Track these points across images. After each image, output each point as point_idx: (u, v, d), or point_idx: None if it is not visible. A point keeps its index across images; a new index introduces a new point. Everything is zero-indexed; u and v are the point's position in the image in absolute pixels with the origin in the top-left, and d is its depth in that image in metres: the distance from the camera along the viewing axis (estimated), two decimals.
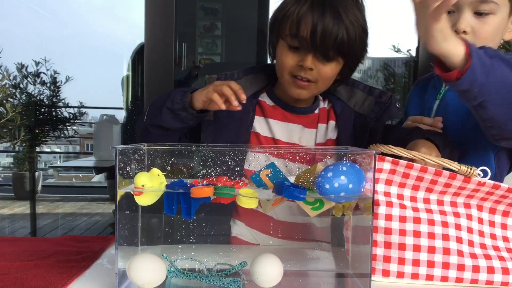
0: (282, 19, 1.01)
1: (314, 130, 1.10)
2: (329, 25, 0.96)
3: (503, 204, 0.81)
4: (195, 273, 0.73)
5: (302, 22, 0.97)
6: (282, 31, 1.01)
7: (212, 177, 0.75)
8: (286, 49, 1.01)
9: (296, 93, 1.04)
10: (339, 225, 0.82)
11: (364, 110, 1.11)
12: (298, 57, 1.01)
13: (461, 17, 0.98)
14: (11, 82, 2.01)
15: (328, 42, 0.96)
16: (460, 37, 0.78)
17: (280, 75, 1.05)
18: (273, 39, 1.06)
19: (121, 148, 0.70)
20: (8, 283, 0.73)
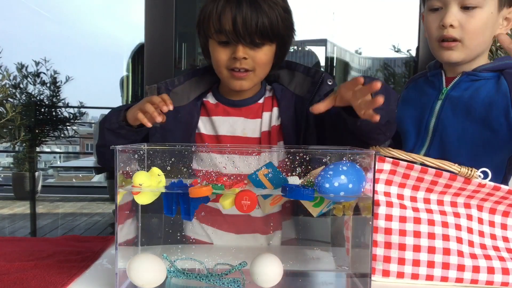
0: (204, 20, 1.04)
1: (258, 120, 1.11)
2: (247, 13, 0.99)
3: (503, 205, 0.81)
4: (195, 273, 0.73)
5: (222, 17, 1.00)
6: (208, 30, 1.03)
7: (212, 177, 0.75)
8: (217, 46, 1.04)
9: (237, 85, 1.06)
10: (339, 225, 0.82)
11: (303, 91, 1.12)
12: (230, 51, 1.03)
13: (448, 11, 0.99)
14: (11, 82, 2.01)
15: (251, 30, 0.99)
16: None
17: (219, 72, 1.07)
18: (202, 41, 1.09)
19: (121, 148, 0.70)
20: (8, 283, 0.73)
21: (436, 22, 1.02)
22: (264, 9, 1.00)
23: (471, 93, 1.03)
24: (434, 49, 1.05)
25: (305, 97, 1.10)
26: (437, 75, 1.10)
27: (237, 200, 0.69)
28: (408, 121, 1.10)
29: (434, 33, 1.03)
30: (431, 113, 1.07)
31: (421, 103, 1.10)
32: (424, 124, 1.07)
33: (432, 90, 1.10)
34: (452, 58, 1.02)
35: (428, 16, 1.04)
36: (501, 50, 1.41)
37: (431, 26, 1.03)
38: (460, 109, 1.03)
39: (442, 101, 1.06)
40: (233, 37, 1.01)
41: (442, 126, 1.04)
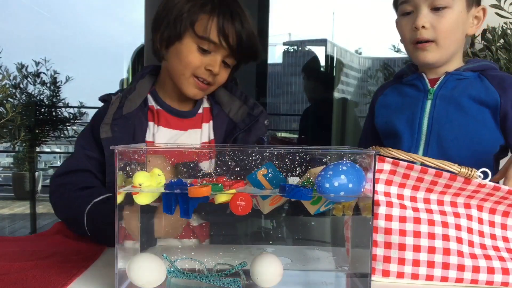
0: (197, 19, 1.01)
1: (199, 130, 1.12)
2: (243, 35, 1.02)
3: (503, 205, 0.81)
4: (195, 273, 0.73)
5: (219, 31, 1.00)
6: (198, 30, 1.01)
7: (212, 177, 0.75)
8: (195, 49, 1.02)
9: (192, 93, 1.07)
10: (339, 225, 0.82)
11: (237, 118, 1.13)
12: (207, 60, 1.03)
13: (419, 14, 1.02)
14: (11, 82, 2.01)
15: (243, 53, 1.05)
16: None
17: (180, 73, 1.05)
18: (173, 33, 1.03)
19: (121, 148, 0.70)
20: (8, 283, 0.73)
21: (408, 25, 1.05)
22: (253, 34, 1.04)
23: (461, 91, 1.05)
24: (410, 52, 1.08)
25: (239, 124, 1.11)
26: (418, 78, 1.11)
27: (232, 201, 0.69)
28: (398, 123, 1.11)
29: (408, 36, 1.06)
30: (422, 113, 1.08)
31: (408, 105, 1.11)
32: (416, 125, 1.08)
33: (416, 92, 1.11)
34: (428, 58, 1.05)
35: (400, 20, 1.07)
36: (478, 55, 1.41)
37: (404, 29, 1.06)
38: (453, 107, 1.05)
39: (432, 101, 1.07)
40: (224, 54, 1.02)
41: (438, 125, 1.05)
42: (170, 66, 1.07)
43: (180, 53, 1.03)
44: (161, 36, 1.05)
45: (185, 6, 1.02)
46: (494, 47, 1.38)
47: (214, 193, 0.69)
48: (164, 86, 1.12)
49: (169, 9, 1.03)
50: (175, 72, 1.06)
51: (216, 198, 0.70)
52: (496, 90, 1.04)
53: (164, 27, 1.04)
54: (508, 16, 1.38)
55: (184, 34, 1.02)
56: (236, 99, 1.15)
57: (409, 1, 1.04)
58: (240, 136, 1.10)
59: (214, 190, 0.69)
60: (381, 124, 1.17)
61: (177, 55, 1.04)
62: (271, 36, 3.13)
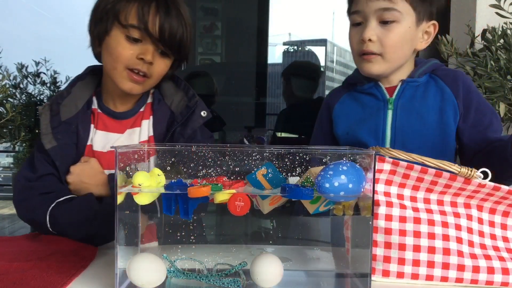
0: (120, 7, 0.98)
1: (138, 129, 1.08)
2: (174, 23, 0.99)
3: (503, 205, 0.81)
4: (195, 273, 0.73)
5: (149, 17, 0.96)
6: (122, 19, 0.97)
7: (212, 177, 0.75)
8: (123, 40, 0.98)
9: (129, 87, 1.02)
10: (339, 225, 0.82)
11: (177, 110, 1.09)
12: (138, 50, 0.98)
13: (367, 26, 1.02)
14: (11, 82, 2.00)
15: (174, 40, 0.99)
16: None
17: (112, 67, 1.01)
18: (101, 28, 1.00)
19: (121, 148, 0.70)
20: (8, 283, 0.73)
21: (356, 36, 1.05)
22: (186, 23, 1.02)
23: (419, 100, 1.06)
24: (356, 62, 1.09)
25: (176, 117, 1.07)
26: (375, 87, 1.10)
27: (231, 201, 0.69)
28: (361, 134, 1.10)
29: (356, 47, 1.06)
30: (384, 123, 1.08)
31: (369, 115, 1.10)
32: (380, 135, 1.07)
33: (375, 101, 1.10)
34: (372, 70, 1.05)
35: (351, 30, 1.08)
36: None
37: (353, 40, 1.07)
38: (414, 118, 1.06)
39: (393, 111, 1.07)
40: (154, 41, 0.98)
41: (401, 135, 1.06)
42: (104, 62, 1.04)
43: (110, 47, 1.00)
44: (93, 35, 1.03)
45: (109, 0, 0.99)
46: (494, 47, 1.38)
47: (213, 193, 0.69)
48: (106, 87, 1.09)
49: (97, 7, 1.02)
50: (108, 68, 1.02)
51: (215, 197, 0.70)
52: (451, 92, 1.05)
53: (93, 25, 1.02)
54: (508, 16, 1.38)
55: (111, 26, 0.99)
56: (180, 91, 1.12)
57: (359, 12, 1.03)
58: (177, 129, 1.06)
59: (214, 190, 0.69)
60: (342, 134, 1.14)
61: (107, 49, 1.01)
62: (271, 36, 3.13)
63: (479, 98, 1.06)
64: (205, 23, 3.10)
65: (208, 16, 3.12)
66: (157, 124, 1.08)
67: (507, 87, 1.34)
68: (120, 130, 1.08)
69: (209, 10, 3.14)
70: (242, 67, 3.16)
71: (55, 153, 1.01)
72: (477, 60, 1.41)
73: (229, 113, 2.85)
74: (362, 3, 1.02)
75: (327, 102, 1.20)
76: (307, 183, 0.72)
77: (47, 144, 1.01)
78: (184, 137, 1.05)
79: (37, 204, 0.98)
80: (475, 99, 1.05)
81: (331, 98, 1.19)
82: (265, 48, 3.14)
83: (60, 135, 1.02)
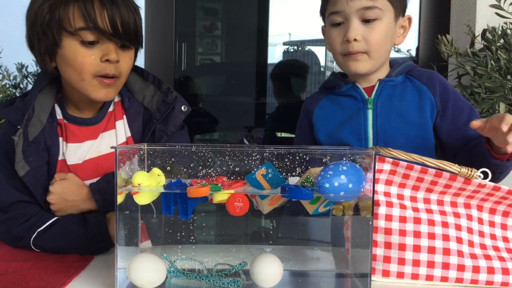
0: (61, 14, 0.88)
1: (113, 131, 1.02)
2: (124, 12, 0.90)
3: (503, 205, 0.81)
4: (195, 273, 0.73)
5: (95, 13, 0.88)
6: (68, 26, 0.88)
7: (212, 177, 0.75)
8: (79, 47, 0.89)
9: (102, 95, 0.94)
10: (339, 225, 0.82)
11: (152, 106, 1.03)
12: (99, 52, 0.91)
13: (350, 26, 1.01)
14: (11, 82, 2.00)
15: (129, 29, 0.91)
16: None
17: (79, 79, 0.92)
18: (48, 43, 0.91)
19: (121, 148, 0.70)
20: (7, 283, 0.73)
21: (339, 37, 1.04)
22: (135, 9, 0.94)
23: (398, 99, 1.07)
24: (340, 63, 1.07)
25: (154, 114, 1.01)
26: (353, 88, 1.10)
27: (229, 202, 0.69)
28: (344, 135, 1.09)
29: (339, 48, 1.05)
30: (365, 123, 1.08)
31: (349, 116, 1.10)
32: (362, 135, 1.07)
33: (354, 102, 1.10)
34: (359, 69, 1.05)
35: (330, 31, 1.06)
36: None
37: (335, 41, 1.05)
38: (394, 116, 1.06)
39: (373, 110, 1.07)
40: (110, 37, 0.89)
41: (383, 134, 1.06)
42: (66, 76, 0.95)
43: (67, 59, 0.91)
44: (39, 52, 0.94)
45: (44, 11, 0.89)
46: (494, 47, 1.38)
47: (212, 193, 0.69)
48: (69, 96, 1.00)
49: (33, 21, 0.92)
50: (73, 81, 0.94)
51: (214, 197, 0.70)
52: (428, 89, 1.06)
53: (37, 42, 0.92)
54: (508, 16, 1.38)
55: (59, 37, 0.90)
56: (150, 84, 1.05)
57: (339, 12, 1.02)
58: (158, 127, 1.01)
59: (213, 190, 0.69)
60: (324, 137, 1.12)
61: (65, 62, 0.92)
62: (271, 36, 3.13)
63: (456, 96, 1.07)
64: (205, 23, 3.10)
65: (208, 16, 3.12)
66: (132, 123, 1.03)
67: (507, 87, 1.34)
68: (92, 136, 1.01)
69: (209, 10, 3.14)
70: (242, 67, 3.15)
71: (29, 178, 0.93)
72: (477, 60, 1.41)
73: (229, 113, 2.85)
74: (342, 3, 1.01)
75: (306, 108, 1.18)
76: (307, 183, 0.72)
77: (21, 170, 0.91)
78: (167, 134, 1.01)
79: (18, 234, 0.92)
80: (452, 97, 1.06)
81: (309, 104, 1.18)
82: (265, 48, 3.14)
83: (31, 157, 0.92)
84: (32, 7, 0.92)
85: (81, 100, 1.00)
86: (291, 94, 2.78)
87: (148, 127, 1.02)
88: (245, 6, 3.24)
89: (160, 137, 1.01)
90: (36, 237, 0.91)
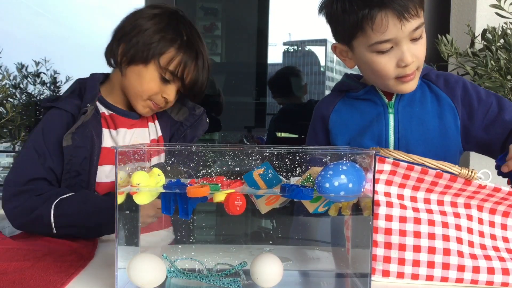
0: (165, 50, 1.07)
1: (146, 129, 1.19)
2: (204, 77, 1.12)
3: (503, 205, 0.81)
4: (195, 273, 0.73)
5: (186, 69, 1.08)
6: (163, 62, 1.07)
7: (212, 177, 0.75)
8: (158, 78, 1.09)
9: (144, 112, 1.14)
10: (339, 225, 0.82)
11: (180, 118, 1.23)
12: (165, 89, 1.10)
13: (405, 50, 0.97)
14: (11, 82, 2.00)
15: (199, 90, 1.13)
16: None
17: (138, 94, 1.11)
18: (138, 56, 1.07)
19: (121, 149, 0.70)
20: (7, 282, 0.73)
21: (392, 62, 0.98)
22: (208, 72, 1.13)
23: (418, 105, 1.06)
24: (391, 86, 1.02)
25: (184, 122, 1.22)
26: (372, 92, 1.09)
27: (230, 201, 0.68)
28: (365, 142, 1.08)
29: (393, 72, 0.99)
30: (387, 129, 1.06)
31: (370, 122, 1.08)
32: (383, 141, 1.06)
33: (374, 106, 1.08)
34: (414, 87, 1.03)
35: (377, 58, 0.99)
36: None
37: (387, 67, 0.99)
38: (415, 122, 1.05)
39: (394, 115, 1.06)
40: (182, 90, 1.12)
41: (405, 141, 1.05)
42: (128, 83, 1.11)
43: (143, 78, 1.09)
44: (124, 51, 1.09)
45: (154, 35, 1.07)
46: (494, 47, 1.38)
47: (212, 193, 0.69)
48: (112, 93, 1.17)
49: (138, 31, 1.08)
50: (132, 91, 1.12)
51: (214, 197, 0.70)
52: (446, 95, 1.05)
53: (130, 44, 1.08)
54: (508, 16, 1.38)
55: (150, 61, 1.08)
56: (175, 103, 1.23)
57: (390, 40, 0.96)
58: (188, 131, 1.22)
59: (213, 190, 0.69)
60: (343, 144, 1.11)
61: (139, 77, 1.09)
62: (271, 36, 3.13)
63: (477, 91, 1.05)
64: (205, 23, 3.10)
65: (208, 16, 3.12)
66: (164, 128, 1.21)
67: (507, 87, 1.34)
68: (136, 126, 1.17)
69: (209, 10, 3.14)
70: (242, 67, 3.16)
71: (67, 151, 1.03)
72: (477, 60, 1.41)
73: (229, 113, 2.85)
74: (394, 31, 0.95)
75: (321, 112, 1.15)
76: (307, 182, 0.72)
77: (65, 142, 1.03)
78: (197, 136, 1.23)
79: (34, 204, 0.98)
80: (475, 94, 1.04)
81: (324, 108, 1.15)
82: (265, 48, 3.14)
83: (76, 135, 1.05)
84: (143, 12, 1.11)
85: (122, 99, 1.17)
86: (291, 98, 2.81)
87: (178, 132, 1.22)
88: (245, 6, 3.24)
89: (192, 138, 1.22)
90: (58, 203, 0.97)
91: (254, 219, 0.80)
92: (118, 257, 0.70)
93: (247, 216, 0.73)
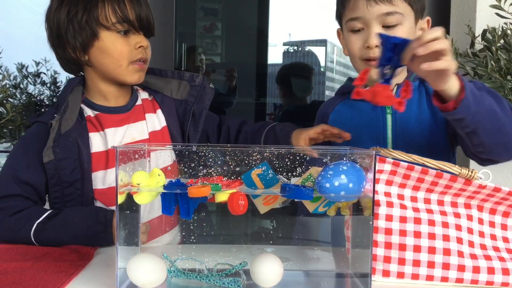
0: (97, 12, 1.02)
1: (143, 122, 1.13)
2: (144, 9, 1.07)
3: (503, 205, 0.81)
4: (195, 273, 0.73)
5: (127, 10, 1.04)
6: (104, 22, 1.03)
7: (212, 177, 0.75)
8: (118, 37, 1.04)
9: (136, 78, 1.08)
10: (339, 225, 0.82)
11: (182, 95, 1.16)
12: (132, 40, 1.05)
13: (371, 32, 0.98)
14: (11, 82, 2.00)
15: (149, 23, 1.08)
16: (456, 74, 0.80)
17: (117, 66, 1.06)
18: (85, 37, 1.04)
19: (121, 148, 0.70)
20: (7, 282, 0.73)
21: (359, 42, 1.01)
22: (148, 6, 1.09)
23: (416, 106, 1.06)
24: (359, 68, 1.04)
25: (188, 98, 1.15)
26: None
27: (234, 202, 0.68)
28: (363, 142, 1.07)
29: (358, 53, 1.02)
30: (385, 128, 1.07)
31: (368, 122, 1.09)
32: (381, 141, 1.06)
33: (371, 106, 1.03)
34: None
35: (349, 36, 1.03)
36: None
37: (354, 46, 1.02)
38: (413, 122, 1.05)
39: (392, 115, 1.06)
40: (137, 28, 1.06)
41: (402, 140, 1.05)
42: (101, 65, 1.07)
43: (107, 49, 1.05)
44: (72, 47, 1.05)
45: (78, 11, 1.03)
46: (494, 47, 1.38)
47: (213, 193, 0.69)
48: (93, 91, 1.12)
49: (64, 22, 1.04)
50: (109, 68, 1.07)
51: (215, 198, 0.70)
52: None
53: (70, 38, 1.04)
54: (508, 16, 1.38)
55: (97, 30, 1.04)
56: (170, 79, 1.18)
57: (359, 18, 0.99)
58: (195, 107, 1.15)
59: (214, 190, 0.69)
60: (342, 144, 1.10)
61: (103, 52, 1.05)
62: (271, 36, 3.13)
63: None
64: (205, 23, 3.10)
65: (208, 16, 3.12)
66: (169, 119, 1.15)
67: (507, 87, 1.34)
68: (127, 121, 1.11)
69: (209, 10, 3.14)
70: (242, 67, 3.15)
71: (50, 167, 1.01)
72: (477, 61, 1.41)
73: (229, 113, 2.85)
74: (361, 9, 0.98)
75: (322, 113, 1.18)
76: (308, 182, 0.72)
77: (46, 157, 1.00)
78: (206, 108, 1.15)
79: (14, 226, 0.96)
80: None
81: (325, 109, 1.17)
82: (265, 48, 3.14)
83: (58, 148, 1.01)
84: (58, 9, 1.05)
85: (110, 92, 1.11)
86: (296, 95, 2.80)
87: (186, 113, 1.15)
88: (245, 6, 3.24)
89: (200, 113, 1.15)
90: (36, 229, 0.95)
91: (254, 219, 0.80)
92: (118, 257, 0.70)
93: (247, 216, 0.73)
